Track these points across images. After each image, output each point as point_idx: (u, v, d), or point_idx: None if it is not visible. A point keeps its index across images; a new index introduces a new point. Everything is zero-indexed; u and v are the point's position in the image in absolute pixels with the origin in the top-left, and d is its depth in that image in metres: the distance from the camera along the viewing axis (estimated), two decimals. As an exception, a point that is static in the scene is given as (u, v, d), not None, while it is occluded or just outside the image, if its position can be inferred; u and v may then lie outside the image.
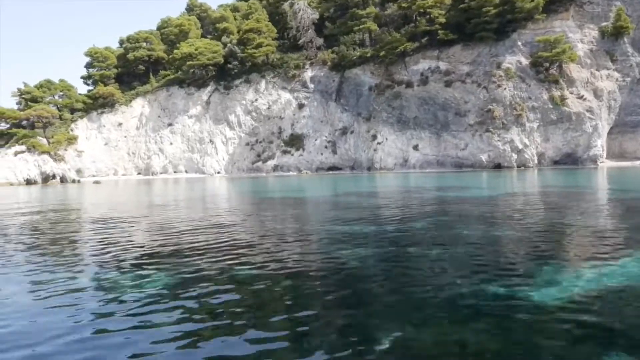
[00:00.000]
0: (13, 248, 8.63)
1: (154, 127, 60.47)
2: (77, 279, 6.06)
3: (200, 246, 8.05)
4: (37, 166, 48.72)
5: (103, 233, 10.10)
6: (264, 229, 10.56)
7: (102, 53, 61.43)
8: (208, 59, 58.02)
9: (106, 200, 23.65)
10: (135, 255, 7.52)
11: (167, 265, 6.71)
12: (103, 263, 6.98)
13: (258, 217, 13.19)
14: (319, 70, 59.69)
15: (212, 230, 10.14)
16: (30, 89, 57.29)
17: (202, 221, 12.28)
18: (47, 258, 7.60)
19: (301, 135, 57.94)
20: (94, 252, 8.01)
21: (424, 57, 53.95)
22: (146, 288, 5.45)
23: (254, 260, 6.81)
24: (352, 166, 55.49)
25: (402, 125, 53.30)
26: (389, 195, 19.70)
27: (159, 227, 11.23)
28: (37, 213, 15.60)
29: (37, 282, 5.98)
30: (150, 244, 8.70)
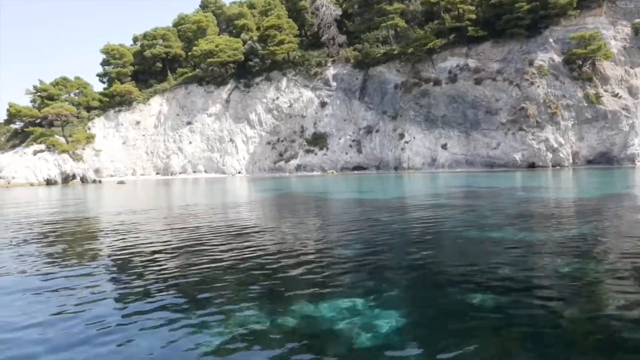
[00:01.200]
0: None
1: (172, 125, 59.05)
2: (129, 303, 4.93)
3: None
4: (57, 166, 47.27)
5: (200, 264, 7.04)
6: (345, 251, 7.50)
7: (118, 50, 59.94)
8: (228, 56, 56.67)
9: (151, 205, 22.19)
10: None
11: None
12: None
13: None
14: (342, 68, 58.41)
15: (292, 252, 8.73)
16: (46, 87, 55.76)
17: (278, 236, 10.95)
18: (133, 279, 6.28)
19: (324, 134, 56.64)
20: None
21: (452, 55, 52.75)
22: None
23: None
24: (377, 166, 54.21)
25: (429, 124, 52.07)
26: (470, 201, 18.33)
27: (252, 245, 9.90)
28: (90, 226, 14.24)
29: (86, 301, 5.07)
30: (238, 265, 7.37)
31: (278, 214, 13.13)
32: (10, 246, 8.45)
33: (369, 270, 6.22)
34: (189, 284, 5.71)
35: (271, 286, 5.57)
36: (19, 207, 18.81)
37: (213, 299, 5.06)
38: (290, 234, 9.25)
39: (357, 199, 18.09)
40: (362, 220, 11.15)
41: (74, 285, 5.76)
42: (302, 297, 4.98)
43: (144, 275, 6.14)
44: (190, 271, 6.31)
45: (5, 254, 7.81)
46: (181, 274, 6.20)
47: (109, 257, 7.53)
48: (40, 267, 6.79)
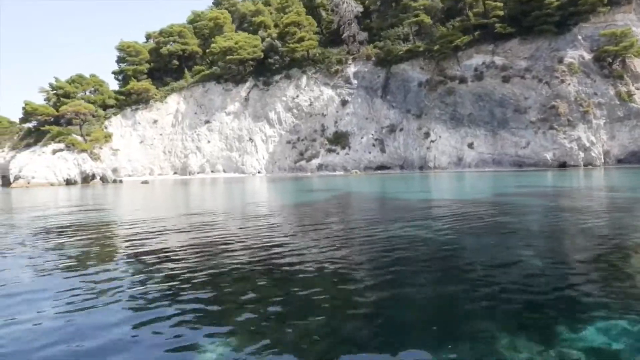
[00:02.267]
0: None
1: (190, 124, 57.86)
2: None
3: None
4: (77, 165, 46.05)
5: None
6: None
7: (134, 47, 58.67)
8: (248, 54, 55.53)
9: (203, 207, 21.03)
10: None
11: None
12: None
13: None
14: (362, 66, 57.39)
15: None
16: (62, 84, 54.43)
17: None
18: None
19: (345, 133, 55.62)
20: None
21: (478, 52, 51.84)
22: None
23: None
24: (401, 165, 53.23)
25: (455, 123, 51.13)
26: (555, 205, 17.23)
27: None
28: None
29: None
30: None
31: (384, 217, 11.96)
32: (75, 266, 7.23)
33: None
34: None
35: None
36: (57, 209, 17.63)
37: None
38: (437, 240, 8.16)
39: (452, 200, 16.97)
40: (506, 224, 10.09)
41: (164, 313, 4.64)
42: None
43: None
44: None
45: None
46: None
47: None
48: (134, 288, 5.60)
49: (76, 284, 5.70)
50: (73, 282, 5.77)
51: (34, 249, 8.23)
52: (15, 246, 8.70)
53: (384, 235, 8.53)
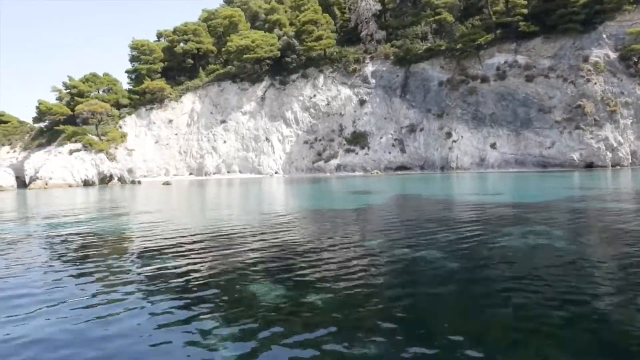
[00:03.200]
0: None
1: (206, 124, 56.91)
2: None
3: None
4: (95, 166, 45.07)
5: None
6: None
7: (148, 45, 57.66)
8: (265, 52, 54.61)
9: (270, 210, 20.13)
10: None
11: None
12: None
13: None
14: (381, 65, 56.58)
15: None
16: (76, 83, 53.40)
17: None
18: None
19: (364, 133, 54.78)
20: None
21: (500, 51, 51.13)
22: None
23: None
24: (421, 165, 52.43)
25: (477, 122, 50.38)
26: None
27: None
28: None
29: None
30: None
31: (494, 227, 10.85)
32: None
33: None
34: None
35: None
36: (99, 214, 16.71)
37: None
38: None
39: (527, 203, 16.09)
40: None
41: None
42: None
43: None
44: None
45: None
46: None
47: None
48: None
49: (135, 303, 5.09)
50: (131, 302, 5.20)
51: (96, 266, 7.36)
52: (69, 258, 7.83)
53: (515, 247, 7.67)
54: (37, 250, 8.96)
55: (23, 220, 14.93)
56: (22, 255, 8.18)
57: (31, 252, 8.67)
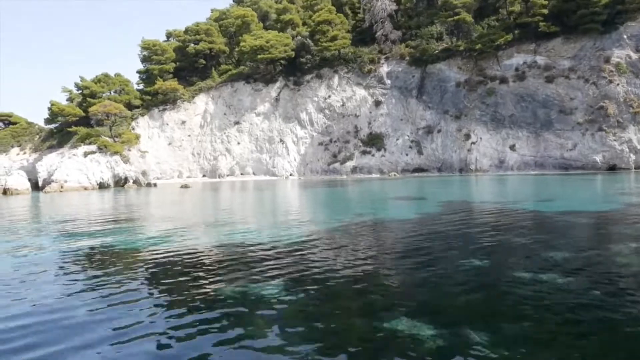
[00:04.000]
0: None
1: (220, 125, 56.12)
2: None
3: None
4: (110, 168, 44.27)
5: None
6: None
7: (160, 46, 56.82)
8: (280, 53, 53.86)
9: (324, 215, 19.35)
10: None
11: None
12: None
13: None
14: (396, 65, 55.89)
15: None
16: (88, 84, 52.52)
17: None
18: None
19: (380, 134, 54.12)
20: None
21: (519, 51, 50.56)
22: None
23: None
24: (439, 168, 51.79)
25: (496, 124, 49.80)
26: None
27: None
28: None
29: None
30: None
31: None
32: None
33: None
34: None
35: None
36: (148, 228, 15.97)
37: None
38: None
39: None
40: None
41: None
42: None
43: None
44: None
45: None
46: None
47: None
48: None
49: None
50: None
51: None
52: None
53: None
54: (85, 269, 8.28)
55: (56, 229, 14.17)
56: (67, 275, 7.44)
57: (80, 271, 7.93)
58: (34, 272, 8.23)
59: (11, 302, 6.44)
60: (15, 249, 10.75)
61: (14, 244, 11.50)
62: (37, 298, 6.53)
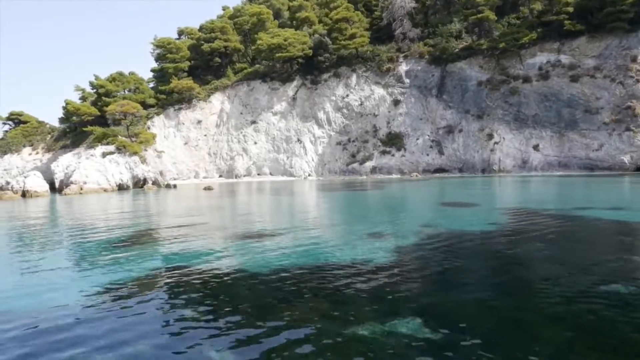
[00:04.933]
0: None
1: (236, 124, 55.23)
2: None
3: None
4: (129, 169, 43.35)
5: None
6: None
7: (175, 44, 55.77)
8: (298, 51, 52.96)
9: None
10: None
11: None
12: None
13: None
14: (415, 64, 55.04)
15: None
16: (103, 83, 51.51)
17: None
18: None
19: (399, 134, 53.31)
20: None
21: (542, 50, 49.74)
22: None
23: None
24: (460, 168, 51.02)
25: (519, 124, 49.04)
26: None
27: None
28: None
29: None
30: None
31: None
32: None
33: None
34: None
35: None
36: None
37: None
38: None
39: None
40: None
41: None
42: None
43: None
44: None
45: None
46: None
47: None
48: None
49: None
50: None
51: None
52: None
53: None
54: (153, 296, 7.52)
55: (102, 243, 13.30)
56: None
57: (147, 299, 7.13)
58: (116, 301, 7.42)
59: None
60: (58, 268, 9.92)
61: (61, 266, 10.66)
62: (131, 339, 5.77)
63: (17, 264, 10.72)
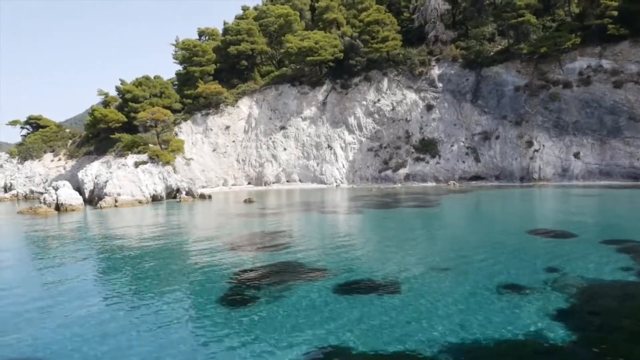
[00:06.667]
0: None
1: (265, 130, 53.75)
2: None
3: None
4: (162, 179, 41.90)
5: None
6: None
7: (201, 46, 54.06)
8: (329, 54, 51.43)
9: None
10: None
11: None
12: None
13: None
14: (448, 68, 53.65)
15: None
16: (130, 88, 49.87)
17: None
18: None
19: (433, 140, 51.99)
20: None
21: (582, 54, 48.39)
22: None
23: None
24: (497, 176, 49.77)
25: (559, 131, 47.79)
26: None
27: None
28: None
29: None
30: None
31: None
32: None
33: None
34: None
35: None
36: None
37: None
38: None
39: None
40: None
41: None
42: None
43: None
44: None
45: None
46: None
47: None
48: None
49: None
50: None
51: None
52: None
53: None
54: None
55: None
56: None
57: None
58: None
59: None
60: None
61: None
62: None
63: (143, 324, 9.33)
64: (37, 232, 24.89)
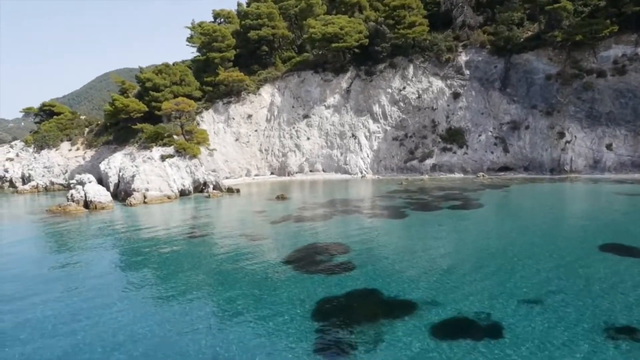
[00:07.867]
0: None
1: (288, 119, 52.49)
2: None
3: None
4: (190, 173, 40.96)
5: None
6: None
7: (220, 31, 52.10)
8: (354, 40, 49.73)
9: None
10: None
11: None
12: None
13: None
14: (476, 54, 52.09)
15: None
16: (150, 76, 48.20)
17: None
18: None
19: (459, 129, 50.88)
20: None
21: (617, 42, 46.92)
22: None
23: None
24: (526, 167, 48.93)
25: (591, 121, 46.73)
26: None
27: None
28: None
29: None
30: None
31: None
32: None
33: None
34: None
35: None
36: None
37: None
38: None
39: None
40: None
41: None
42: None
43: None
44: None
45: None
46: None
47: None
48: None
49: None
50: None
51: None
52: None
53: None
54: None
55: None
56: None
57: None
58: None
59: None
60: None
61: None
62: None
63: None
64: (81, 240, 24.00)
